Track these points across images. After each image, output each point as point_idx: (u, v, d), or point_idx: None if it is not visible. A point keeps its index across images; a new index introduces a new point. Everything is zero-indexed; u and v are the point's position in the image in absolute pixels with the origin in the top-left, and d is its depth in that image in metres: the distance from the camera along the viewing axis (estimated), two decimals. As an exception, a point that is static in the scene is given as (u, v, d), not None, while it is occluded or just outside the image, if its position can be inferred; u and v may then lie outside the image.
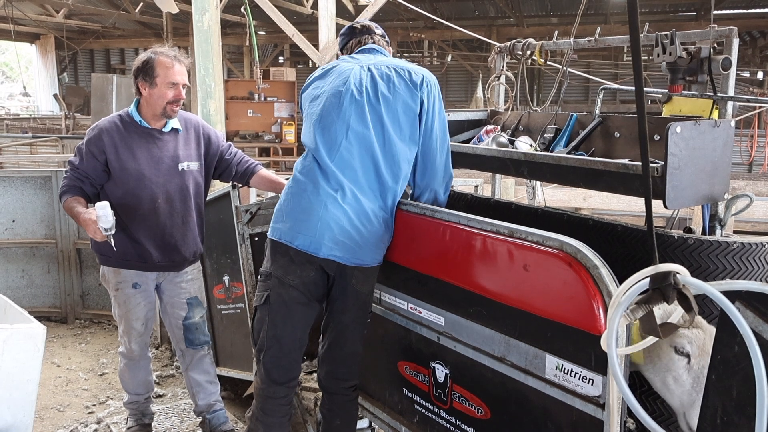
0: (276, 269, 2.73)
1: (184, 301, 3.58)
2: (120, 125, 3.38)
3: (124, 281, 3.45)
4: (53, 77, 24.91)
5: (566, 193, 7.84)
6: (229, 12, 15.24)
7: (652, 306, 1.66)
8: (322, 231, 2.64)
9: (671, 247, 2.14)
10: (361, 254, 2.69)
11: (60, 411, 4.27)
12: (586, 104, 20.38)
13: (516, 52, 3.52)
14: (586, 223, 2.48)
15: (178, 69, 3.31)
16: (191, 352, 3.65)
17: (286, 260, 2.70)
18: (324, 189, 2.65)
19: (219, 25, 5.39)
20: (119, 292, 3.47)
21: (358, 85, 2.71)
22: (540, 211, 2.77)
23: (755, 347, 1.50)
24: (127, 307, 3.48)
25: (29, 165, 11.71)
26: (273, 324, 2.75)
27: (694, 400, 1.96)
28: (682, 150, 2.29)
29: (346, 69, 2.78)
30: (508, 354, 2.31)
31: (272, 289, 2.73)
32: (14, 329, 2.79)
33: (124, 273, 3.44)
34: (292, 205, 2.71)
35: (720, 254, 2.08)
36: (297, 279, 2.70)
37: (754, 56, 19.41)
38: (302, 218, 2.67)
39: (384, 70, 2.75)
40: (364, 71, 2.75)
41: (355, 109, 2.68)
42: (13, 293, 5.68)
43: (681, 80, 2.73)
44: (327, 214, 2.63)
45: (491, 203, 2.89)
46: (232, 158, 3.63)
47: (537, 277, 2.16)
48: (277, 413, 2.83)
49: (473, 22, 19.00)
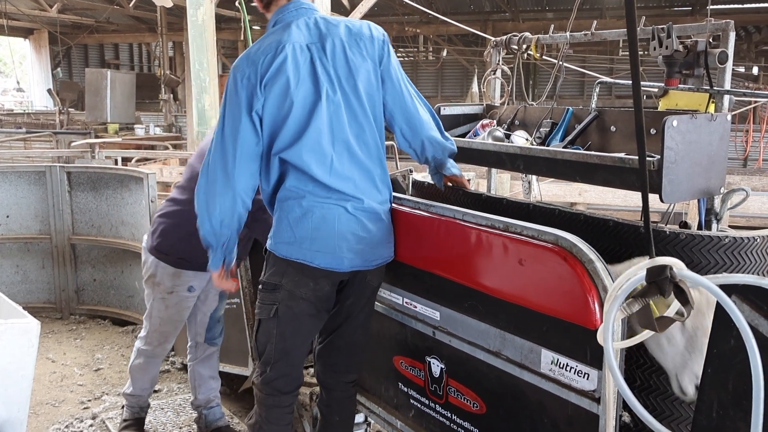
0: (287, 282, 2.54)
1: (217, 295, 3.56)
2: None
3: (181, 284, 3.37)
4: (47, 72, 24.84)
5: (562, 187, 7.83)
6: (224, 6, 15.18)
7: (648, 299, 1.65)
8: (340, 245, 2.49)
9: (663, 242, 2.14)
10: (378, 253, 2.62)
11: (55, 406, 4.26)
12: (582, 99, 20.42)
13: (512, 46, 3.51)
14: (578, 219, 2.48)
15: None
16: (205, 347, 3.64)
17: (299, 274, 2.53)
18: (331, 205, 2.49)
19: (213, 19, 5.38)
20: (173, 294, 3.38)
21: (329, 86, 2.47)
22: (532, 207, 2.77)
23: (751, 341, 1.50)
24: (176, 309, 3.42)
25: (23, 160, 11.67)
26: (282, 338, 2.59)
27: (686, 361, 1.96)
28: (679, 144, 2.29)
29: (301, 62, 2.46)
30: (503, 348, 2.31)
31: (281, 302, 2.55)
32: (8, 324, 2.77)
33: (184, 276, 3.35)
34: (303, 230, 2.49)
35: (712, 249, 2.08)
36: (309, 292, 2.54)
37: (749, 51, 19.46)
38: (317, 237, 2.49)
39: (338, 44, 2.50)
40: (325, 60, 2.47)
41: (334, 114, 2.48)
42: (7, 289, 5.65)
43: (677, 74, 2.73)
44: (342, 227, 2.49)
45: (482, 198, 2.88)
46: None
47: (532, 272, 2.16)
48: (282, 421, 2.72)
49: (469, 17, 18.96)
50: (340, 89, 2.50)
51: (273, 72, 2.42)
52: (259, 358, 2.67)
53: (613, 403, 1.96)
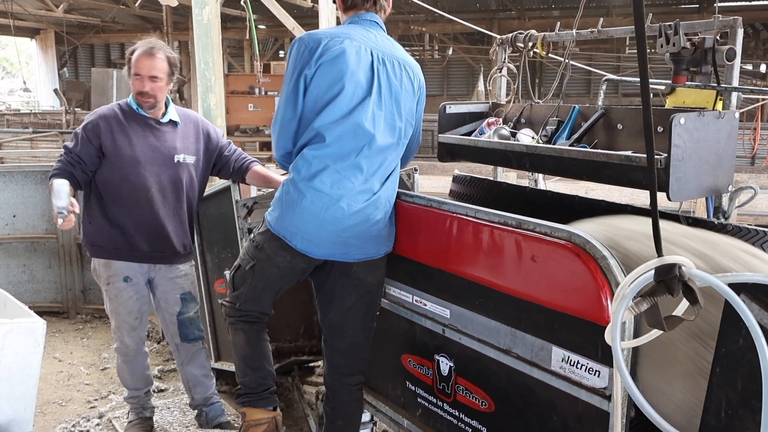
0: (268, 248, 2.72)
1: (178, 297, 3.57)
2: (119, 112, 3.40)
3: (115, 274, 3.44)
4: (53, 72, 24.93)
5: (568, 186, 7.81)
6: (229, 6, 15.21)
7: (656, 298, 1.64)
8: (320, 234, 2.64)
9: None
10: (364, 249, 2.69)
11: (62, 405, 4.27)
12: (588, 97, 20.37)
13: (518, 44, 3.50)
14: (624, 209, 2.49)
15: (145, 62, 3.29)
16: (186, 346, 3.64)
17: (279, 247, 2.69)
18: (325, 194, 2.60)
19: (219, 18, 5.37)
20: (110, 285, 3.46)
21: (378, 89, 2.66)
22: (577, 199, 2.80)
23: (761, 339, 1.49)
24: (118, 301, 3.47)
25: (30, 160, 11.69)
26: (253, 287, 2.79)
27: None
28: (686, 142, 2.28)
29: (363, 59, 2.65)
30: (513, 346, 2.30)
31: (258, 261, 2.75)
32: (14, 324, 2.78)
33: (115, 266, 3.43)
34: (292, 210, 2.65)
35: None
36: (285, 263, 2.71)
37: (756, 49, 19.39)
38: (302, 220, 2.64)
39: (396, 62, 2.72)
40: (383, 67, 2.68)
41: (376, 112, 2.65)
42: (14, 288, 5.67)
43: (685, 71, 2.71)
44: (328, 218, 2.62)
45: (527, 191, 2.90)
46: (231, 155, 3.64)
47: (545, 269, 2.15)
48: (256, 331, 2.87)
49: (474, 15, 18.96)
50: (387, 96, 2.67)
51: (332, 55, 2.60)
52: (233, 291, 2.87)
53: (623, 401, 1.94)
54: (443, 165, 9.01)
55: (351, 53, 2.61)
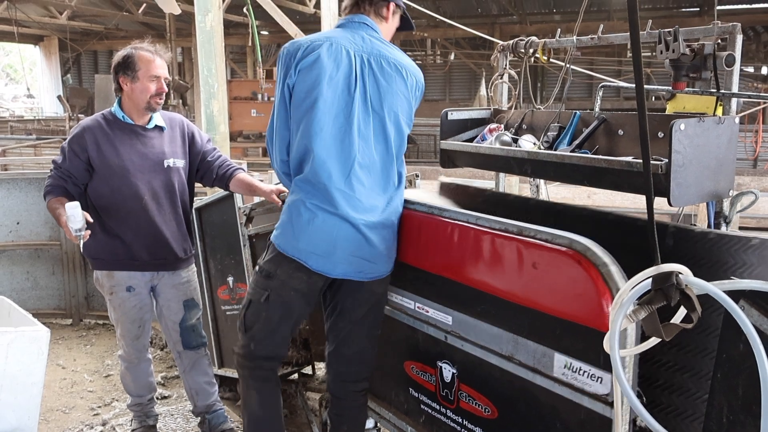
0: (281, 273, 2.64)
1: (180, 304, 3.57)
2: (103, 123, 3.35)
3: (117, 285, 3.43)
4: (57, 79, 25.01)
5: (570, 191, 7.83)
6: (232, 12, 15.26)
7: (654, 307, 1.64)
8: (335, 252, 2.58)
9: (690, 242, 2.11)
10: (376, 268, 2.67)
11: (65, 413, 4.28)
12: (590, 101, 20.34)
13: (519, 51, 3.51)
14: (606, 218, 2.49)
15: (159, 63, 3.29)
16: (189, 354, 3.64)
17: (294, 269, 2.62)
18: (334, 213, 2.56)
19: (222, 25, 5.39)
20: (113, 296, 3.45)
21: (362, 95, 2.59)
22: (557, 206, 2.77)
23: (759, 346, 1.49)
24: (122, 310, 3.47)
25: (33, 167, 11.73)
26: (269, 321, 2.69)
27: None
28: (687, 147, 2.28)
29: (343, 63, 2.58)
30: (516, 353, 2.30)
31: (273, 290, 2.65)
32: (18, 332, 2.80)
33: (117, 276, 3.42)
34: (304, 232, 2.59)
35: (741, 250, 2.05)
36: (303, 284, 2.64)
37: (758, 51, 19.38)
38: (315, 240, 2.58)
39: (386, 65, 2.63)
40: (368, 71, 2.60)
41: (362, 121, 2.59)
42: (18, 295, 5.69)
43: (684, 77, 2.72)
44: (341, 237, 2.57)
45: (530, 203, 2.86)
46: (214, 161, 3.57)
47: (546, 275, 2.15)
48: (271, 396, 2.80)
49: (476, 20, 18.99)
50: (375, 99, 2.60)
51: (309, 61, 2.55)
52: (245, 332, 2.75)
53: (625, 408, 1.94)
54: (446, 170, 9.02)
55: (327, 57, 2.54)
